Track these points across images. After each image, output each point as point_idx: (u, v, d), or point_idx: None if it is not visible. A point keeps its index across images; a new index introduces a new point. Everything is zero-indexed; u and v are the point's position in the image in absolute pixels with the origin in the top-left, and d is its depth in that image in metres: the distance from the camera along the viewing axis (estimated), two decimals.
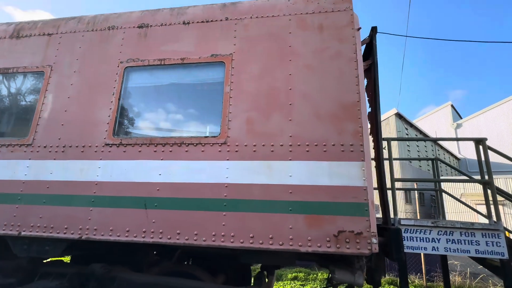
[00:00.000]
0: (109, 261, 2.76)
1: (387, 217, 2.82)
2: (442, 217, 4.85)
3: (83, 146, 2.79)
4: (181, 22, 3.07)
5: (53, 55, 3.22)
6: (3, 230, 2.66)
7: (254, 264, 4.29)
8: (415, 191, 11.29)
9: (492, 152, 3.68)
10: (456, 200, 4.87)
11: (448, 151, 26.16)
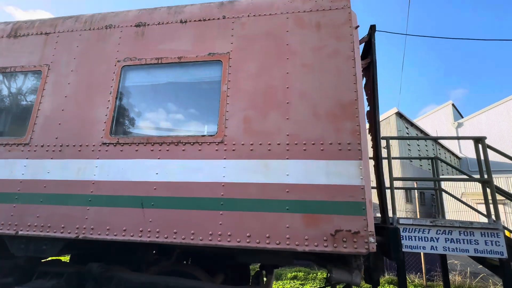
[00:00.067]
0: (108, 261, 2.76)
1: (386, 216, 2.81)
2: (442, 216, 4.84)
3: (80, 145, 2.78)
4: (178, 21, 3.06)
5: (51, 54, 3.21)
6: (1, 230, 2.66)
7: (253, 264, 4.28)
8: (416, 190, 11.29)
9: (493, 151, 3.66)
10: (456, 200, 4.85)
11: (449, 150, 26.08)
